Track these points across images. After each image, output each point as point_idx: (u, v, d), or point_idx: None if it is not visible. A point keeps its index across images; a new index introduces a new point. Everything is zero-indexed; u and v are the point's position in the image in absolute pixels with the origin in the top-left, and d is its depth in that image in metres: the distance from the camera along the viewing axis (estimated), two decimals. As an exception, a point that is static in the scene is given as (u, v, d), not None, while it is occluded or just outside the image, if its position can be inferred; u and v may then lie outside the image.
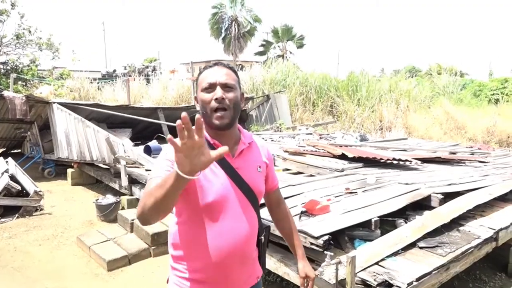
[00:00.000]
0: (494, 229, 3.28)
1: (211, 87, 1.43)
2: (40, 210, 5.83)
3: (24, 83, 16.71)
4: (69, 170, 7.78)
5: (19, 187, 5.80)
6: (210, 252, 1.42)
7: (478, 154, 6.75)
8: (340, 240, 3.10)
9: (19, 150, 10.19)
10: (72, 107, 7.98)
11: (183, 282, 1.48)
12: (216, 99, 1.40)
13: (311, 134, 9.34)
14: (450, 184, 4.26)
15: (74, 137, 7.30)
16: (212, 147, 1.42)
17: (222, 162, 1.44)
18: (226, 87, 1.43)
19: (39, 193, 5.79)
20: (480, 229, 3.31)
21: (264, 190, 1.62)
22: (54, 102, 7.89)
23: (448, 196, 3.84)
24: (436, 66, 21.06)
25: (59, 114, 7.67)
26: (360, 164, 5.49)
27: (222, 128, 1.43)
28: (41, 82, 16.90)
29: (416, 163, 5.53)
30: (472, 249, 2.98)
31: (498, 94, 16.62)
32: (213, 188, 1.41)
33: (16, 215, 5.59)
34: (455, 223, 3.37)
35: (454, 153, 6.67)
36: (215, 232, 1.42)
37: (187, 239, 1.46)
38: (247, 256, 1.53)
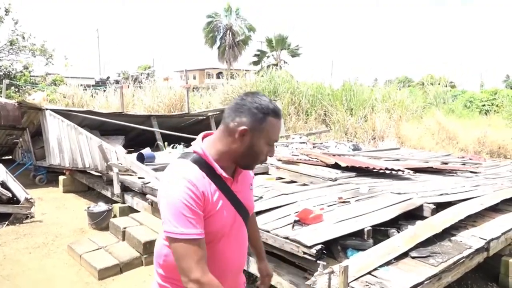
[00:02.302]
0: (485, 239, 3.30)
1: (274, 143, 1.46)
2: (31, 218, 5.77)
3: (16, 89, 16.63)
4: (61, 177, 7.72)
5: (9, 194, 5.73)
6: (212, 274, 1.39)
7: (469, 164, 6.81)
8: (333, 249, 3.10)
9: (10, 157, 10.08)
10: (65, 114, 7.94)
11: None
12: (268, 156, 1.47)
13: (304, 143, 9.36)
14: (442, 194, 4.29)
15: (67, 144, 7.26)
16: (219, 177, 1.41)
17: (226, 190, 1.44)
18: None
19: (30, 200, 5.72)
20: (471, 239, 3.33)
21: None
22: (46, 109, 7.84)
23: (440, 206, 3.86)
24: (428, 76, 21.29)
25: (52, 121, 7.63)
26: (353, 174, 5.51)
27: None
28: (33, 88, 16.81)
29: (409, 173, 5.56)
30: (464, 259, 3.00)
31: (489, 105, 16.82)
32: (219, 218, 1.41)
33: (6, 222, 5.52)
34: (447, 233, 3.39)
35: (446, 163, 6.73)
36: (215, 255, 1.43)
37: None
38: (241, 269, 1.60)
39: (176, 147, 8.65)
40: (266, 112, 1.38)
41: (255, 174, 5.99)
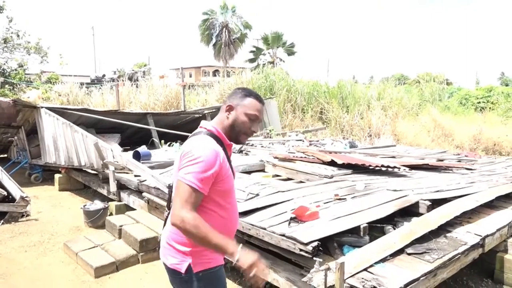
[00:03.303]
0: (481, 236, 3.32)
1: (255, 120, 1.86)
2: (26, 216, 5.74)
3: (11, 87, 16.51)
4: (57, 176, 7.68)
5: (4, 193, 5.70)
6: (228, 227, 1.85)
7: (465, 161, 6.84)
8: (329, 246, 3.11)
9: (6, 155, 10.04)
10: (60, 112, 7.90)
11: (208, 257, 1.77)
12: (253, 132, 1.89)
13: (301, 140, 9.36)
14: (437, 191, 4.30)
15: (62, 142, 7.22)
16: (225, 148, 1.83)
17: (228, 158, 1.87)
18: (260, 122, 1.92)
19: (26, 198, 5.70)
20: (467, 235, 3.35)
21: None
22: (42, 107, 7.80)
23: (436, 203, 3.88)
24: (424, 74, 21.35)
25: (47, 119, 7.59)
26: (349, 171, 5.52)
27: (241, 144, 2.04)
28: (28, 86, 16.71)
29: (405, 170, 5.58)
30: (459, 255, 3.01)
31: (484, 102, 16.90)
32: (230, 178, 1.84)
33: (1, 221, 5.49)
34: (443, 229, 3.40)
35: (441, 160, 6.75)
36: (230, 211, 1.85)
37: (211, 222, 1.72)
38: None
39: (172, 145, 8.63)
40: (247, 94, 1.87)
41: (251, 172, 6.02)
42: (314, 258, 2.73)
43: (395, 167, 5.59)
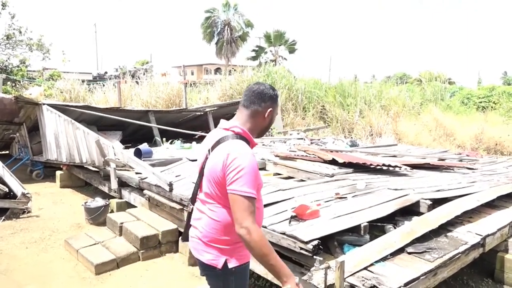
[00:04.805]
0: (481, 235, 3.32)
1: None
2: (28, 213, 5.76)
3: (13, 84, 16.52)
4: (58, 172, 7.70)
5: (6, 189, 5.72)
6: (260, 217, 1.93)
7: (466, 160, 6.83)
8: (330, 245, 3.11)
9: (7, 152, 10.05)
10: (62, 109, 7.90)
11: (242, 252, 1.88)
12: None
13: (302, 139, 9.36)
14: (438, 190, 4.30)
15: (64, 139, 7.23)
16: (250, 145, 1.89)
17: None
18: None
19: (27, 195, 5.71)
20: (467, 235, 3.34)
21: None
22: (43, 104, 7.81)
23: (437, 202, 3.88)
24: (426, 73, 21.31)
25: (49, 116, 7.60)
26: (350, 170, 5.52)
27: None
28: (31, 83, 16.71)
29: (406, 169, 5.57)
30: (460, 255, 3.01)
31: (486, 102, 16.86)
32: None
33: (3, 217, 5.51)
34: (443, 229, 3.40)
35: (443, 160, 6.74)
36: (260, 203, 1.94)
37: None
38: None
39: (174, 143, 8.63)
40: (277, 95, 1.98)
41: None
42: (315, 257, 2.73)
43: (396, 166, 5.58)
